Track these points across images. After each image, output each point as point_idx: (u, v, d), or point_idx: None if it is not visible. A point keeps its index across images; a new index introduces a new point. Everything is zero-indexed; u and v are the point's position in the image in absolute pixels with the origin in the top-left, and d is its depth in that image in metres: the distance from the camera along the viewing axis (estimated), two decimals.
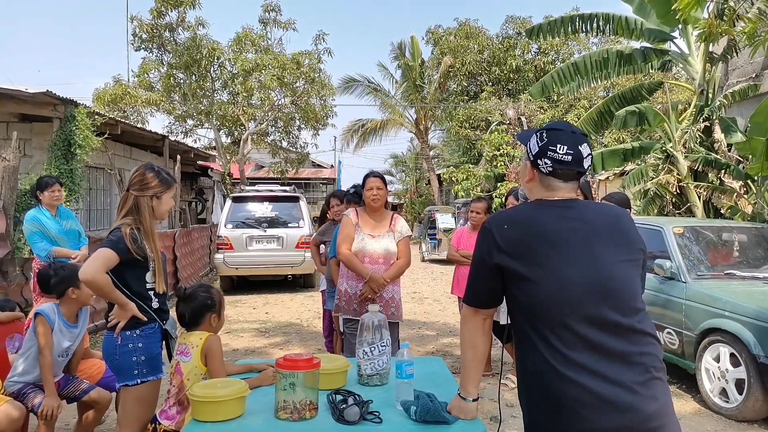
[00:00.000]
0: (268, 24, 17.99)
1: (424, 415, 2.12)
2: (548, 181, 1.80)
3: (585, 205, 1.82)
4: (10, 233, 6.65)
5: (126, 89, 16.47)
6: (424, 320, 8.02)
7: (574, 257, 1.66)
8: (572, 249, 1.67)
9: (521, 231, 1.73)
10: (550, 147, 1.77)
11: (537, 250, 1.68)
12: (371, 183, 3.89)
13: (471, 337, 1.89)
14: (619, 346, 1.61)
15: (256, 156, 25.10)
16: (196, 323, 2.69)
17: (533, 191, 1.86)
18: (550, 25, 9.15)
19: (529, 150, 1.84)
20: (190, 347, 2.64)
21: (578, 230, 1.71)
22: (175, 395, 2.64)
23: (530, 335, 1.66)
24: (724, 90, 9.14)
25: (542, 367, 1.62)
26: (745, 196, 7.45)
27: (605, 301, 1.62)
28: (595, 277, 1.64)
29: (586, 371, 1.57)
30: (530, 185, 1.87)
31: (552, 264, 1.65)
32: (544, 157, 1.77)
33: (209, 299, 2.72)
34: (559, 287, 1.62)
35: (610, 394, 1.56)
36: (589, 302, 1.61)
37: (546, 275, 1.64)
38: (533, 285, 1.65)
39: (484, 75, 22.39)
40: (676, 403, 4.72)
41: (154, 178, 2.76)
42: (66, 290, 3.29)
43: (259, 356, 6.02)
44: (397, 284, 3.98)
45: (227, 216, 10.37)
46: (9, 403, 2.98)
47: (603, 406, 1.56)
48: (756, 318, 4.21)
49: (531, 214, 1.78)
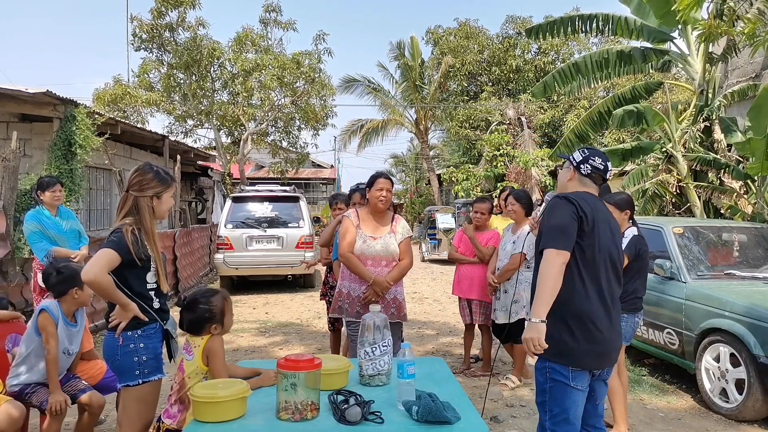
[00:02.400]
0: (269, 24, 17.98)
1: (426, 415, 2.12)
2: (585, 180, 2.69)
3: (602, 203, 2.73)
4: (10, 233, 6.65)
5: (126, 89, 16.46)
6: (424, 320, 8.02)
7: (603, 233, 2.57)
8: (602, 227, 2.58)
9: (588, 207, 2.54)
10: (591, 158, 2.69)
11: (592, 221, 2.53)
12: (381, 184, 3.85)
13: (559, 273, 2.46)
14: (616, 290, 2.65)
15: (256, 156, 25.10)
16: (197, 332, 2.67)
17: (569, 187, 2.71)
18: (550, 25, 9.15)
19: (573, 159, 2.72)
20: (193, 346, 2.64)
21: (604, 219, 2.63)
22: (176, 393, 2.64)
23: (578, 274, 2.52)
24: (724, 90, 9.14)
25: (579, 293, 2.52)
26: (745, 196, 7.46)
27: (612, 261, 2.61)
28: (610, 247, 2.61)
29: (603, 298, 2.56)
30: (570, 183, 2.72)
31: (597, 232, 2.54)
32: (585, 164, 2.67)
33: (207, 312, 2.65)
34: (599, 247, 2.54)
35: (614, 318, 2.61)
36: (609, 261, 2.59)
37: (594, 238, 2.53)
38: (590, 240, 2.52)
39: (484, 75, 22.39)
40: (676, 403, 4.73)
41: (154, 178, 2.76)
42: (69, 290, 3.30)
43: (259, 356, 6.02)
44: (399, 284, 3.95)
45: (227, 216, 10.36)
46: (9, 403, 2.98)
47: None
48: (756, 318, 4.21)
49: (589, 199, 2.61)
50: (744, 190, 7.57)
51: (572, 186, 2.70)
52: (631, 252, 3.86)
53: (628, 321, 3.88)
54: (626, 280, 3.82)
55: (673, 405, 4.72)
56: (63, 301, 3.31)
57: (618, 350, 2.67)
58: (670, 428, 4.24)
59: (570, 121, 15.94)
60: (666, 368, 5.59)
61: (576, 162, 2.69)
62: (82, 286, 3.28)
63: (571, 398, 2.49)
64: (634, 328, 3.95)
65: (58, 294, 3.33)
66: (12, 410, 2.95)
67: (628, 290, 3.86)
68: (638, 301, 3.94)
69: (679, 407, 4.68)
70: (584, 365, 2.49)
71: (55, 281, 3.36)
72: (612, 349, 2.58)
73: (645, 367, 5.64)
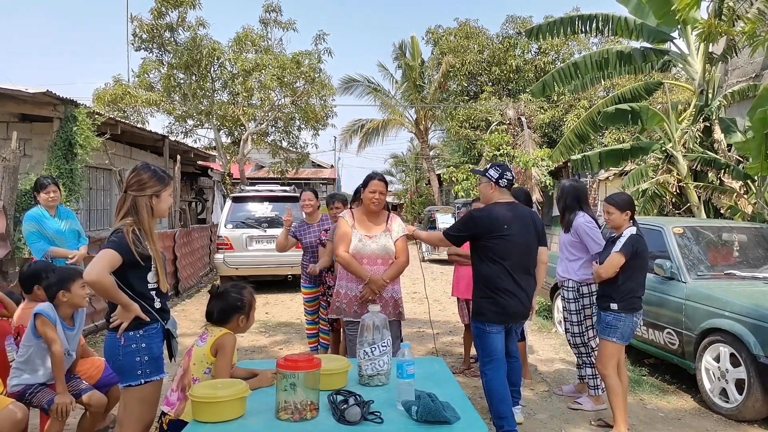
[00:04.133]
0: (269, 24, 17.95)
1: (426, 415, 2.12)
2: (503, 190, 3.71)
3: (518, 205, 3.78)
4: (10, 233, 6.65)
5: (126, 89, 16.44)
6: (424, 320, 8.02)
7: (517, 229, 3.59)
8: (516, 225, 3.59)
9: (499, 215, 3.59)
10: (504, 173, 3.69)
11: (504, 224, 3.56)
12: (375, 186, 3.86)
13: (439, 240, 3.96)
14: (530, 269, 3.71)
15: (256, 156, 25.07)
16: (224, 321, 2.70)
17: (493, 197, 3.72)
18: (550, 26, 9.14)
19: (491, 175, 3.71)
20: (209, 335, 2.67)
21: (520, 217, 3.65)
22: (180, 378, 2.64)
23: (493, 260, 3.59)
24: (724, 90, 9.14)
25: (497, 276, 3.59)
26: (745, 196, 7.45)
27: (527, 247, 3.65)
28: (524, 237, 3.62)
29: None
30: (493, 194, 3.72)
31: (510, 230, 3.56)
32: (502, 178, 3.68)
33: (239, 300, 2.73)
34: (511, 240, 3.56)
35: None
36: (523, 248, 3.63)
37: (504, 235, 3.55)
38: (500, 237, 3.55)
39: (484, 75, 22.36)
40: (676, 403, 4.73)
41: (152, 177, 2.76)
42: (56, 293, 3.28)
43: (259, 356, 6.02)
44: (397, 283, 3.96)
45: (227, 216, 10.36)
46: (12, 405, 2.97)
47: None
48: (756, 318, 4.21)
49: (505, 208, 3.64)
50: (744, 190, 7.57)
51: (495, 196, 3.69)
52: (627, 251, 3.84)
53: (626, 321, 3.85)
54: (623, 280, 3.85)
55: (673, 405, 4.72)
56: (56, 305, 3.30)
57: (526, 313, 3.71)
58: (670, 428, 4.23)
59: (570, 121, 15.94)
60: (666, 368, 5.59)
61: (495, 178, 3.68)
62: (69, 288, 3.27)
63: (494, 343, 3.60)
64: (633, 328, 3.91)
65: (48, 297, 3.32)
66: (15, 412, 2.93)
67: (625, 290, 3.86)
68: (636, 300, 3.91)
69: (680, 407, 4.68)
70: (498, 321, 3.59)
71: (44, 285, 3.35)
72: (518, 311, 3.62)
73: (645, 367, 5.63)
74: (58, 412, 3.08)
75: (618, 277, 3.87)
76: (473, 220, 3.65)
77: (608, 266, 3.87)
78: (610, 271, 3.85)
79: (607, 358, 3.88)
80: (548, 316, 7.59)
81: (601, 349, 3.97)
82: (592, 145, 13.21)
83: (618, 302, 3.85)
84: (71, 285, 3.30)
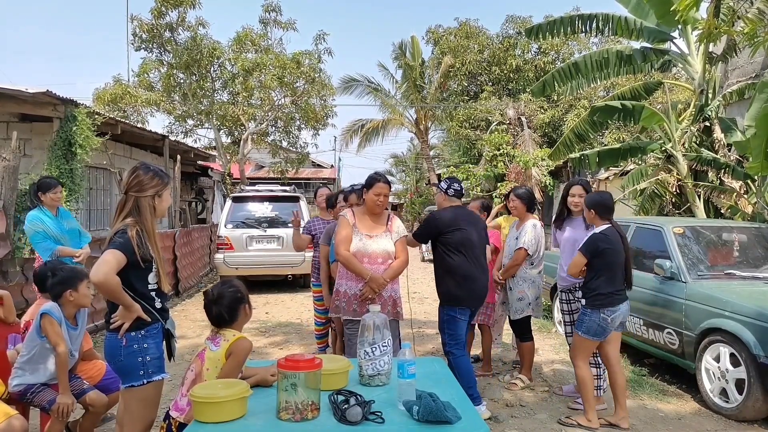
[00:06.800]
0: (269, 24, 17.94)
1: (427, 414, 2.12)
2: (452, 198, 4.36)
3: (464, 208, 4.51)
4: (10, 233, 6.65)
5: (126, 89, 16.44)
6: (424, 320, 8.02)
7: (466, 228, 4.21)
8: (464, 224, 4.22)
9: (450, 218, 4.23)
10: (452, 185, 4.38)
11: (453, 224, 4.20)
12: (380, 189, 3.87)
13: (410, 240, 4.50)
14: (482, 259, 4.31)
15: (256, 156, 25.07)
16: (234, 318, 2.68)
17: (444, 204, 4.37)
18: (550, 25, 9.13)
19: (441, 187, 4.43)
20: (222, 338, 2.61)
21: (465, 219, 4.28)
22: (191, 382, 2.58)
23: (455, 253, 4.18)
24: (724, 90, 9.13)
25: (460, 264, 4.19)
26: (745, 196, 7.45)
27: (480, 241, 4.29)
28: (471, 234, 4.21)
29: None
30: (445, 202, 4.37)
31: (461, 229, 4.18)
32: (450, 189, 4.35)
33: (237, 292, 2.72)
34: (463, 236, 4.17)
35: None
36: (476, 242, 4.24)
37: (457, 233, 4.17)
38: (452, 235, 4.17)
39: (484, 75, 22.33)
40: (676, 403, 4.73)
41: (153, 177, 2.77)
42: (63, 293, 3.28)
43: (259, 356, 6.02)
44: (396, 283, 4.00)
45: (227, 216, 10.36)
46: (14, 418, 2.92)
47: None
48: (756, 318, 4.22)
49: (449, 211, 4.30)
50: (744, 190, 7.57)
51: (446, 203, 4.36)
52: (587, 250, 4.00)
53: (591, 316, 4.00)
54: (588, 278, 4.07)
55: (673, 405, 4.72)
56: (61, 304, 3.30)
57: (483, 296, 4.33)
58: (670, 428, 4.24)
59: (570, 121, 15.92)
60: (666, 368, 5.59)
61: (444, 189, 4.38)
62: (77, 288, 3.28)
63: (461, 329, 4.18)
64: (600, 324, 3.99)
65: (53, 297, 3.32)
66: (15, 425, 2.90)
67: (590, 287, 4.02)
68: (601, 297, 3.98)
69: (680, 407, 4.68)
70: (469, 305, 4.20)
71: (50, 284, 3.35)
72: (481, 294, 4.27)
73: (645, 368, 5.63)
74: (59, 412, 3.08)
75: (586, 274, 4.09)
76: (435, 220, 4.27)
77: (572, 266, 4.17)
78: (573, 270, 4.15)
79: (576, 350, 4.18)
80: (548, 316, 7.59)
81: (572, 341, 4.31)
82: (592, 144, 13.20)
83: (585, 298, 4.08)
84: (79, 284, 3.30)
